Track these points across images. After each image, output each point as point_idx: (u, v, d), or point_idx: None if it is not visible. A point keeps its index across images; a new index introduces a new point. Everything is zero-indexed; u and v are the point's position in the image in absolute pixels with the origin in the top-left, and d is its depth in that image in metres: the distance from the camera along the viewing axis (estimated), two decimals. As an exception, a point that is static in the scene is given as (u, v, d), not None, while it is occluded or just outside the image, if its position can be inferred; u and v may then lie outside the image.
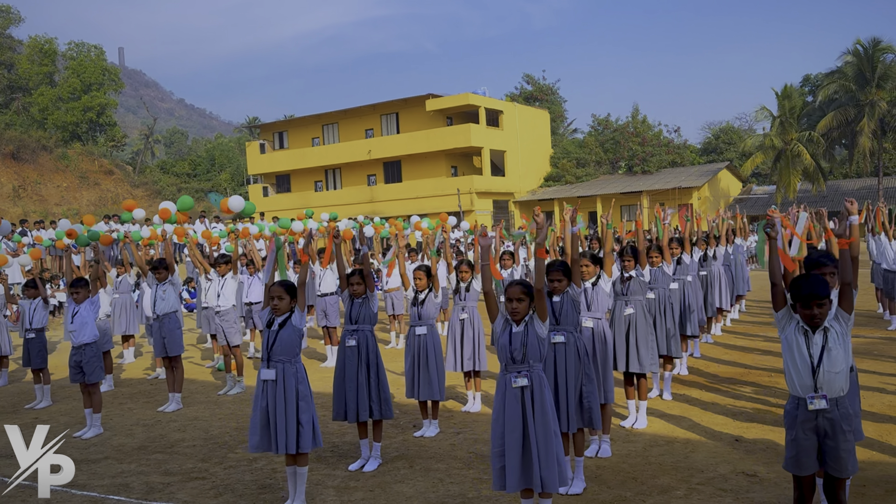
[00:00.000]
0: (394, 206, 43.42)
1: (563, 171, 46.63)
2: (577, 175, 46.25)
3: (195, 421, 7.40)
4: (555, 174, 47.14)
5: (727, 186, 44.67)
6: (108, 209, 43.16)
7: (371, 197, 45.53)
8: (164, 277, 8.04)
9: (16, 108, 46.83)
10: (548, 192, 45.79)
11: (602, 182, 45.25)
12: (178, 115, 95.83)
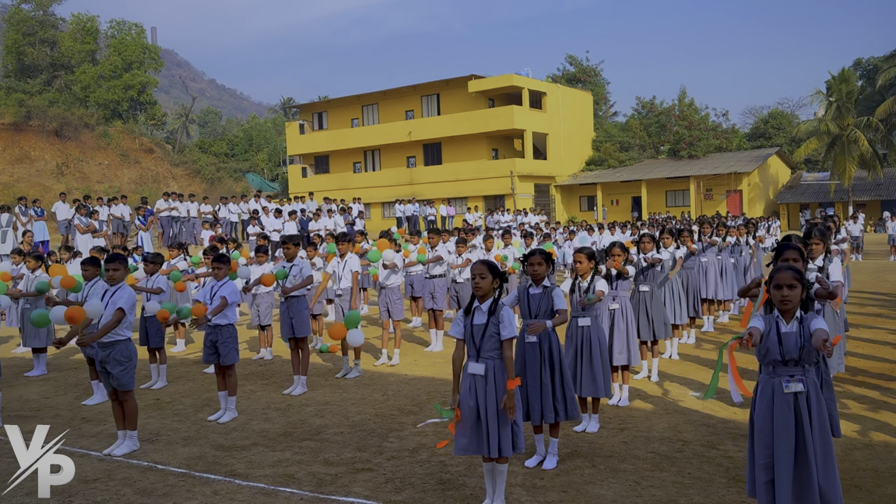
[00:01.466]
0: (433, 188, 43.07)
1: (606, 154, 45.86)
2: (619, 159, 45.47)
3: (328, 406, 7.08)
4: (597, 158, 46.39)
5: (776, 173, 43.66)
6: (149, 187, 43.28)
7: (410, 179, 45.19)
8: (294, 255, 7.73)
9: (58, 85, 46.96)
10: (589, 176, 45.09)
11: (646, 166, 44.44)
12: (209, 95, 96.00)
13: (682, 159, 43.92)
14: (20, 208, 19.01)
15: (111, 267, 5.88)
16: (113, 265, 5.88)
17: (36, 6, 46.54)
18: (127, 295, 5.86)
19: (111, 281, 5.90)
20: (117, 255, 5.97)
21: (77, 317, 5.70)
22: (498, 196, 42.11)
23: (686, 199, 41.50)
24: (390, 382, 7.99)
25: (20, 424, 6.80)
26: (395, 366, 8.87)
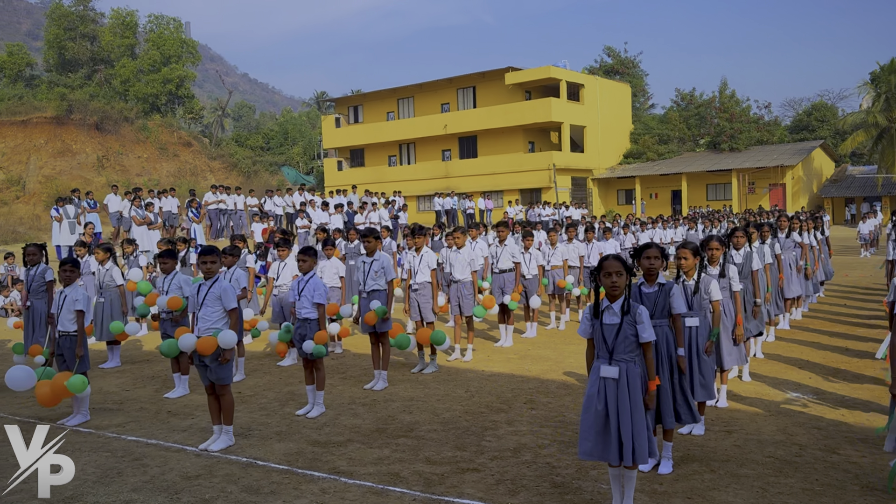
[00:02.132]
0: (468, 181, 42.87)
1: (645, 147, 45.27)
2: (658, 152, 44.85)
3: (414, 402, 6.96)
4: (635, 151, 45.81)
5: (820, 166, 42.71)
6: (187, 180, 43.66)
7: (446, 172, 45.04)
8: (374, 249, 7.62)
9: (98, 79, 47.54)
10: (628, 169, 44.55)
11: (686, 159, 43.77)
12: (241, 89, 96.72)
13: (723, 152, 43.18)
14: (75, 200, 19.21)
15: (208, 259, 5.80)
16: (210, 257, 5.81)
17: (77, 1, 47.13)
18: (231, 289, 5.79)
19: (208, 274, 5.83)
20: (212, 248, 5.90)
21: (210, 346, 5.63)
22: (535, 189, 41.79)
23: (728, 193, 40.82)
24: (470, 379, 7.85)
25: (105, 418, 6.85)
26: (469, 362, 8.74)
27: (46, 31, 47.92)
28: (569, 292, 10.95)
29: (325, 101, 73.79)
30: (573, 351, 9.13)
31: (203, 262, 5.82)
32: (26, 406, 7.48)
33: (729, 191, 40.77)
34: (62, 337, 6.76)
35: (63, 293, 6.78)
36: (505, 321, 9.64)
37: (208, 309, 5.77)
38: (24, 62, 47.24)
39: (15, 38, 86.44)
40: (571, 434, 5.76)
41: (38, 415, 7.09)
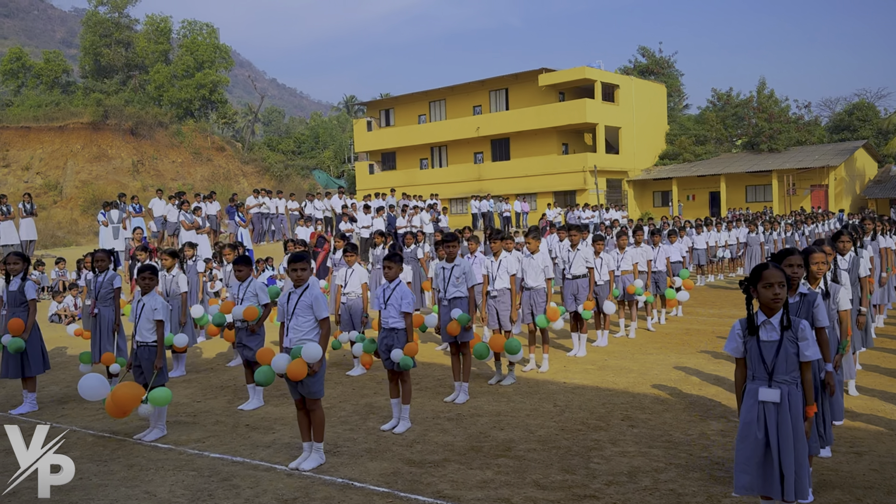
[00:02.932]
0: (501, 184, 42.51)
1: (681, 148, 44.54)
2: (695, 153, 44.10)
3: (503, 417, 6.61)
4: (671, 152, 45.10)
5: (863, 166, 41.68)
6: (220, 185, 43.86)
7: (478, 175, 44.72)
8: (455, 254, 7.29)
9: (133, 85, 47.96)
10: (664, 170, 43.85)
11: (724, 160, 42.97)
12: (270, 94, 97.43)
13: (762, 153, 42.32)
14: (121, 205, 19.19)
15: (298, 266, 5.52)
16: (300, 264, 5.52)
17: (111, 8, 47.61)
18: (322, 297, 5.51)
19: (298, 281, 5.54)
20: (303, 254, 5.61)
21: (301, 371, 5.35)
22: (569, 192, 41.31)
23: (768, 195, 40.00)
24: (554, 392, 7.50)
25: (182, 433, 6.59)
26: (545, 372, 8.39)
27: (82, 39, 48.49)
28: (638, 298, 10.55)
29: (354, 105, 73.92)
30: (654, 361, 8.74)
31: (294, 270, 5.53)
32: (97, 419, 7.27)
33: (769, 192, 39.94)
34: (140, 347, 6.52)
35: (141, 301, 6.54)
36: (578, 329, 9.27)
37: (299, 319, 5.48)
38: (60, 69, 47.81)
39: (50, 45, 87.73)
40: (686, 457, 5.39)
41: (110, 429, 6.87)
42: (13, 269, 7.64)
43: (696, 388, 7.43)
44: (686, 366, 8.44)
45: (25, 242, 18.35)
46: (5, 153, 41.60)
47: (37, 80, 47.19)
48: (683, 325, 11.64)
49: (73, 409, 7.74)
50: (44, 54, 49.40)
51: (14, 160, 41.70)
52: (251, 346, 7.35)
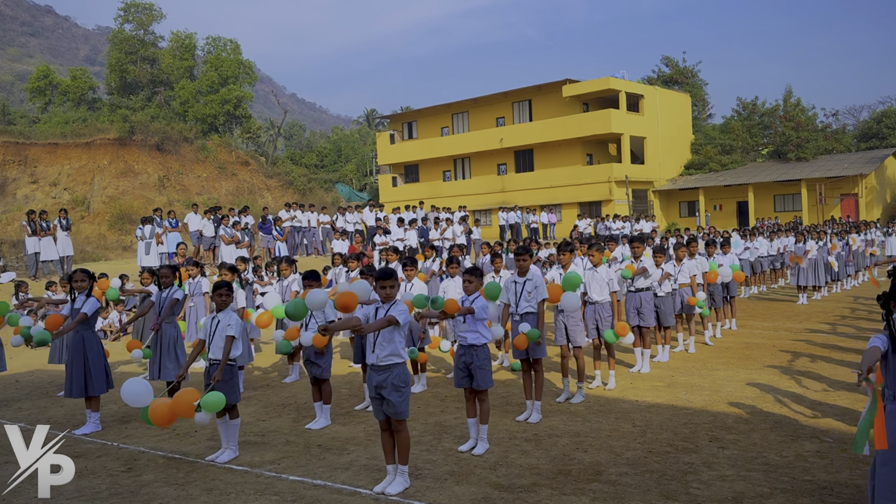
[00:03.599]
0: (525, 195, 42.37)
1: (707, 158, 44.19)
2: (721, 162, 43.72)
3: (583, 437, 6.37)
4: (697, 161, 44.77)
5: (893, 175, 41.15)
6: (245, 199, 44.00)
7: (502, 187, 44.65)
8: (527, 268, 7.08)
9: (158, 101, 48.36)
10: (690, 180, 43.52)
11: (751, 170, 42.56)
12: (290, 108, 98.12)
13: (790, 161, 41.88)
14: (157, 220, 19.22)
15: (387, 284, 5.39)
16: (389, 281, 5.39)
17: (137, 25, 48.12)
18: (405, 310, 5.37)
19: (387, 299, 5.41)
20: (391, 271, 5.48)
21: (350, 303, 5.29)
22: (594, 202, 41.09)
23: (797, 204, 39.54)
24: (627, 410, 7.29)
25: (255, 454, 6.45)
26: (613, 390, 8.18)
27: (108, 56, 49.01)
28: (699, 311, 10.31)
29: (376, 118, 74.15)
30: (724, 378, 8.50)
31: (382, 287, 5.40)
32: (164, 439, 7.16)
33: (798, 201, 39.48)
34: (213, 365, 6.39)
35: (216, 318, 6.41)
36: (641, 344, 9.05)
37: (384, 336, 5.33)
38: (86, 86, 48.32)
39: (73, 63, 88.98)
40: (789, 480, 5.17)
41: (180, 450, 6.75)
42: (79, 286, 7.58)
43: (776, 406, 7.19)
44: (758, 382, 8.20)
45: (63, 258, 18.41)
46: (33, 169, 42.04)
47: (63, 97, 47.73)
48: (740, 338, 11.38)
49: (136, 428, 7.64)
50: (70, 72, 49.98)
51: (42, 176, 42.12)
52: (320, 363, 7.21)
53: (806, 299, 15.54)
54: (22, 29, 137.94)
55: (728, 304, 11.99)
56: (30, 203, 40.47)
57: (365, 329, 5.12)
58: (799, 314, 13.95)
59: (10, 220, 39.03)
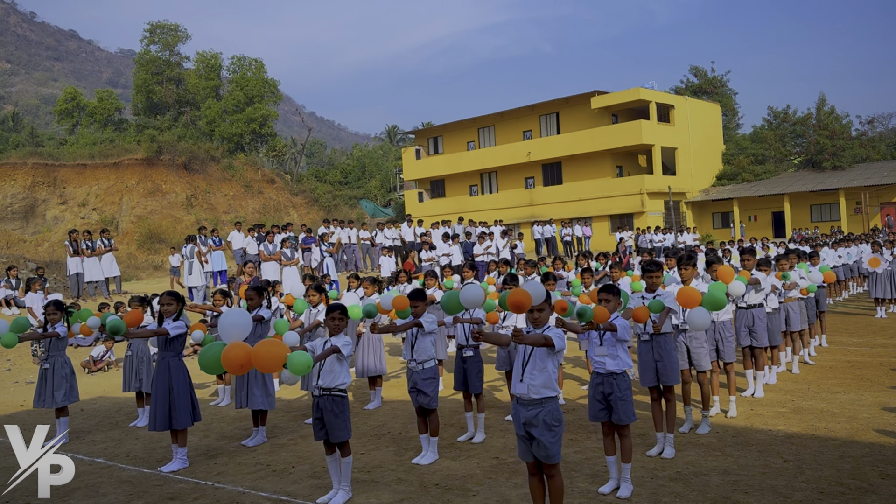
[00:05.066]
0: (554, 209, 41.80)
1: (739, 168, 43.46)
2: (754, 172, 42.96)
3: (732, 475, 5.57)
4: (729, 172, 44.03)
5: (933, 182, 40.18)
6: (271, 216, 43.75)
7: (530, 200, 44.10)
8: (657, 285, 6.46)
9: (184, 121, 48.38)
10: (723, 191, 42.78)
11: (785, 179, 41.77)
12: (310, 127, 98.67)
13: (825, 170, 41.06)
14: (201, 238, 18.82)
15: (545, 307, 4.83)
16: (543, 305, 4.83)
17: (163, 47, 48.27)
18: (563, 333, 4.80)
19: (538, 323, 4.84)
20: (547, 293, 4.92)
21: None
22: (625, 215, 40.43)
23: (835, 214, 38.70)
24: (766, 442, 6.65)
25: (370, 495, 5.87)
26: (735, 418, 7.54)
27: (135, 77, 49.17)
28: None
29: (398, 134, 74.03)
30: (851, 402, 7.86)
31: (541, 310, 4.83)
32: (262, 478, 6.60)
33: (836, 211, 38.63)
34: (323, 396, 5.76)
35: (327, 342, 5.85)
36: (754, 367, 8.42)
37: (537, 363, 4.74)
38: (113, 107, 48.46)
39: (97, 86, 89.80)
40: None
41: (284, 490, 6.19)
42: (166, 310, 7.08)
43: (928, 434, 6.54)
44: (893, 406, 7.55)
45: (108, 279, 18.03)
46: (62, 190, 42.05)
47: (91, 118, 47.87)
48: (837, 356, 10.71)
49: (226, 464, 7.10)
50: (97, 93, 50.18)
51: (71, 197, 42.11)
52: (428, 392, 6.64)
53: (885, 312, 14.81)
54: (47, 53, 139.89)
55: (818, 320, 11.32)
56: (59, 224, 40.47)
57: (525, 339, 4.53)
58: (885, 329, 13.25)
59: (40, 241, 38.99)
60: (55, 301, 8.40)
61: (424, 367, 6.67)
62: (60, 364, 8.21)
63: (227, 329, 5.19)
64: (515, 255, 23.67)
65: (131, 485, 6.59)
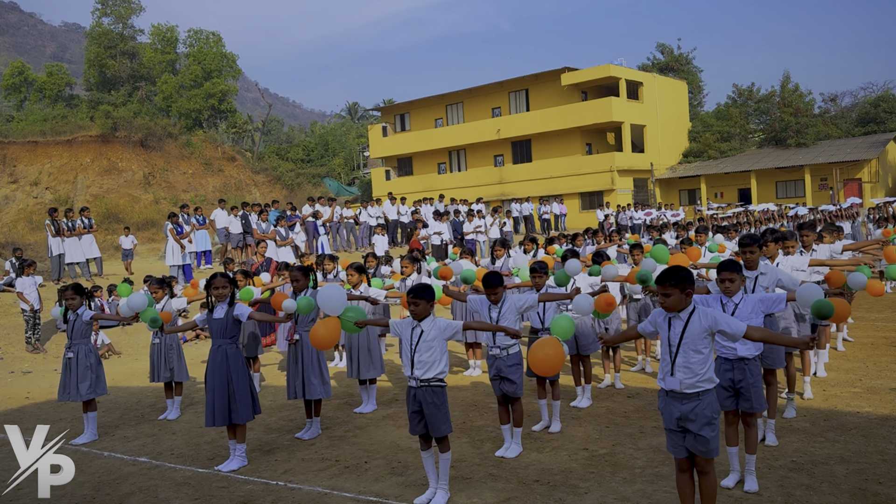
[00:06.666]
0: (523, 186, 41.63)
1: (705, 145, 43.89)
2: (720, 150, 43.44)
3: (853, 464, 5.40)
4: (695, 149, 44.45)
5: (894, 159, 41.30)
6: (232, 195, 42.47)
7: (500, 178, 43.79)
8: (756, 262, 6.09)
9: (139, 96, 46.45)
10: (690, 168, 43.19)
11: (751, 157, 42.36)
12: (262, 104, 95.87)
13: (790, 148, 41.76)
14: (184, 217, 17.89)
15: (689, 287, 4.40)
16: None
17: (115, 19, 46.11)
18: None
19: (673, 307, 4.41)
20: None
21: None
22: (595, 192, 40.52)
23: (800, 190, 39.46)
24: (861, 425, 6.43)
25: (471, 493, 5.44)
26: (811, 399, 7.32)
27: (87, 51, 46.93)
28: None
29: (359, 112, 72.52)
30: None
31: (666, 295, 4.40)
32: (335, 475, 6.09)
33: (801, 188, 39.39)
34: (422, 388, 5.27)
35: (417, 328, 5.32)
36: (815, 346, 8.20)
37: (689, 354, 4.34)
38: (63, 82, 46.20)
39: (41, 60, 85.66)
40: None
41: (370, 490, 5.70)
42: (220, 293, 6.44)
43: None
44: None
45: (89, 260, 17.02)
46: (13, 169, 39.97)
47: (39, 94, 45.54)
48: (869, 332, 10.69)
49: (288, 460, 6.55)
50: (46, 68, 47.75)
51: (22, 175, 40.07)
52: (514, 379, 6.19)
53: (889, 287, 14.95)
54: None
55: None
56: (10, 204, 38.47)
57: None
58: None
59: (-10, 222, 36.99)
60: (75, 285, 7.67)
61: (509, 352, 6.22)
62: (85, 353, 7.51)
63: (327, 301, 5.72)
64: (504, 233, 23.35)
65: (191, 487, 6.01)
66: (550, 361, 5.14)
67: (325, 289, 5.93)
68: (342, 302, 5.77)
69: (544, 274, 6.78)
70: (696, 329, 4.27)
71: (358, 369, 7.94)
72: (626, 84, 40.69)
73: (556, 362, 5.15)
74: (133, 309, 7.30)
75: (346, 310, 5.76)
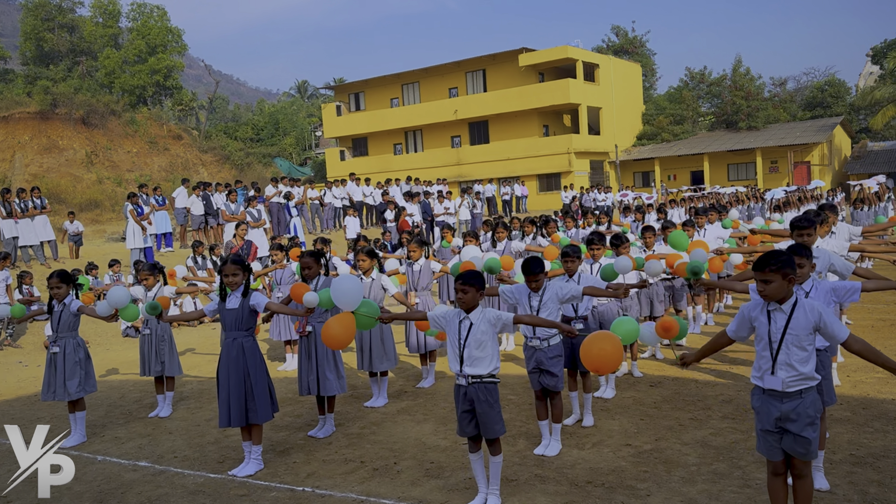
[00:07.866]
0: (481, 168, 41.33)
1: (659, 128, 44.35)
2: (673, 132, 43.96)
3: None
4: (649, 132, 44.88)
5: (840, 143, 42.48)
6: (179, 174, 40.98)
7: (457, 160, 43.38)
8: (811, 244, 5.79)
9: (80, 72, 44.24)
10: (645, 150, 43.60)
11: (704, 139, 42.98)
12: (205, 81, 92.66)
13: (741, 131, 42.52)
14: (143, 197, 16.92)
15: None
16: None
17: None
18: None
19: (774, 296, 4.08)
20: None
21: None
22: (552, 175, 40.53)
23: (751, 173, 40.25)
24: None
25: (517, 499, 5.07)
26: (839, 386, 7.16)
27: (23, 23, 44.34)
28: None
29: (309, 90, 70.93)
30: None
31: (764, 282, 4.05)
32: (364, 479, 5.63)
33: (752, 170, 40.19)
34: (474, 385, 4.83)
35: (466, 320, 4.84)
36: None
37: (793, 350, 4.02)
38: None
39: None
40: None
41: (409, 495, 5.27)
42: (233, 281, 5.86)
43: None
44: None
45: (43, 243, 15.95)
46: (-57, 147, 37.66)
47: (-31, 67, 42.96)
48: (864, 315, 10.72)
49: (307, 462, 6.05)
50: (-25, 39, 44.98)
51: (-47, 154, 37.78)
52: (555, 371, 5.81)
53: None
54: None
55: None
56: (-59, 184, 36.24)
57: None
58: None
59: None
60: (60, 272, 6.95)
61: (550, 343, 5.84)
62: (73, 347, 6.83)
63: (342, 296, 5.25)
64: (474, 215, 23.00)
65: (207, 496, 5.47)
66: (607, 358, 4.78)
67: (339, 280, 5.46)
68: (358, 295, 5.28)
69: (577, 258, 6.40)
70: (801, 323, 3.93)
71: (371, 361, 7.46)
72: (582, 66, 40.64)
73: (613, 359, 4.80)
74: (113, 305, 6.65)
75: (361, 304, 5.30)
